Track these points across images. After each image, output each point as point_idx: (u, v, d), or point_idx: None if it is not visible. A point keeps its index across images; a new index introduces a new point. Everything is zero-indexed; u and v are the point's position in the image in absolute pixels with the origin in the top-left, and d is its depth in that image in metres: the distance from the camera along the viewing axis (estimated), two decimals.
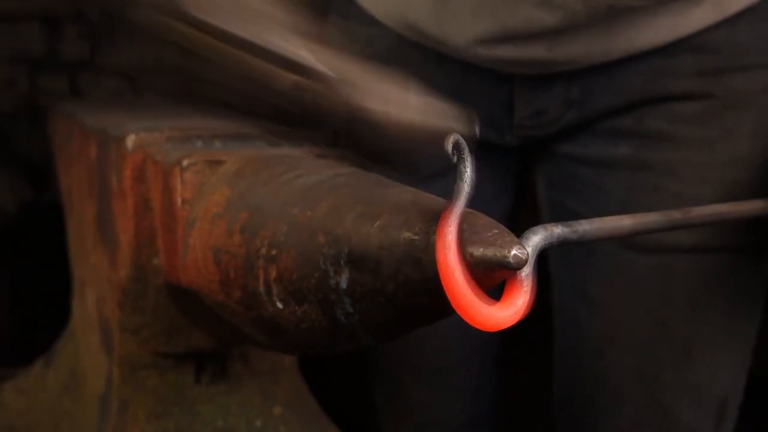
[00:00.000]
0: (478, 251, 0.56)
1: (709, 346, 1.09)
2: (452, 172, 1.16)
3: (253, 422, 1.00)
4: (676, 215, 0.76)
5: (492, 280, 0.57)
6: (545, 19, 0.99)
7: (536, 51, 1.02)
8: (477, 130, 0.59)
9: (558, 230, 0.64)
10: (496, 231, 0.57)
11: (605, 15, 0.99)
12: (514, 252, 0.56)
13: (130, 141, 0.94)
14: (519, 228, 1.27)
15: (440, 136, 0.58)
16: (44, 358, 1.23)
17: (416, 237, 0.59)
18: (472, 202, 0.58)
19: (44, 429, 1.16)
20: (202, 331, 0.94)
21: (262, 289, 0.72)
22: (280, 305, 0.70)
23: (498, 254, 0.56)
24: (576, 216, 1.10)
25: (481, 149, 1.13)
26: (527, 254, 0.56)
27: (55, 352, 1.22)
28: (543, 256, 0.64)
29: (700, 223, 0.79)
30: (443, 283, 0.55)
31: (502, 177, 1.17)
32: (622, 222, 0.72)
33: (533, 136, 1.11)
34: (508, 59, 1.04)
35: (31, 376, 1.23)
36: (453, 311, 0.61)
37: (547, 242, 0.63)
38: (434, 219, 0.60)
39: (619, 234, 0.71)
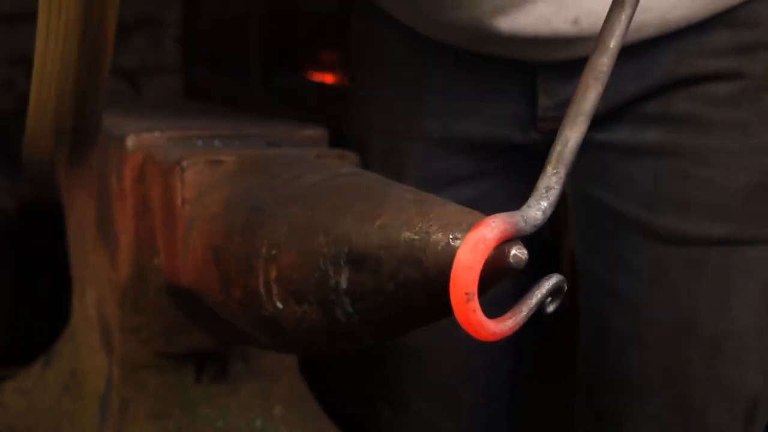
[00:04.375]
0: None
1: (739, 344, 1.04)
2: (476, 179, 1.12)
3: (253, 422, 1.00)
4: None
5: (492, 281, 0.57)
6: None
7: (560, 24, 0.96)
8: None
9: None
10: None
11: None
12: (513, 251, 0.56)
13: (130, 141, 0.94)
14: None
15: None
16: (44, 358, 1.23)
17: (416, 237, 0.59)
18: (497, 209, 0.58)
19: (44, 429, 1.15)
20: (202, 331, 0.94)
21: (262, 289, 0.72)
22: (280, 305, 0.70)
23: (498, 253, 0.56)
24: (600, 205, 1.06)
25: (506, 155, 1.10)
26: (527, 254, 0.56)
27: (55, 352, 1.22)
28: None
29: None
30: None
31: (529, 182, 1.11)
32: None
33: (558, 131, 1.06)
34: (531, 35, 0.97)
35: (31, 376, 1.23)
36: (452, 312, 0.61)
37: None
38: (435, 220, 0.60)
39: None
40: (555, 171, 0.60)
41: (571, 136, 0.62)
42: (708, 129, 1.01)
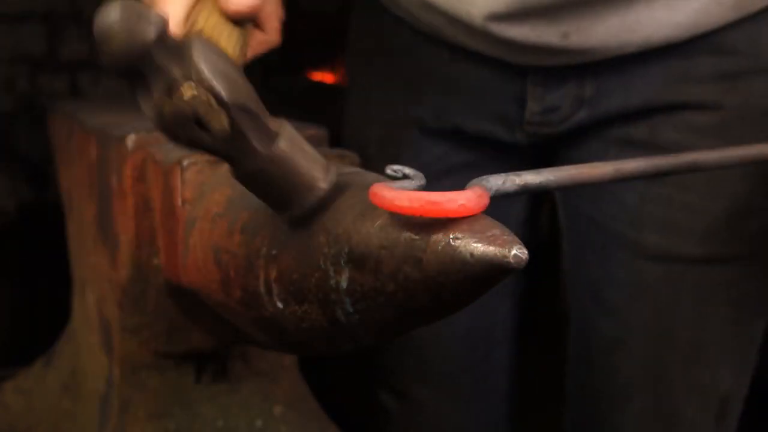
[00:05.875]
0: (478, 251, 0.56)
1: (713, 350, 1.12)
2: (469, 168, 1.16)
3: (253, 422, 1.00)
4: (660, 161, 0.76)
5: (493, 280, 0.57)
6: None
7: (551, 36, 1.01)
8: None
9: (520, 179, 0.64)
10: (496, 231, 0.57)
11: None
12: (514, 252, 0.56)
13: (131, 141, 0.94)
14: (537, 231, 1.25)
15: None
16: (44, 358, 1.23)
17: (416, 237, 0.59)
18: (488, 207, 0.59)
19: (44, 429, 1.16)
20: (203, 331, 0.94)
21: (262, 288, 0.72)
22: (280, 305, 0.70)
23: (498, 254, 0.56)
24: (591, 221, 1.14)
25: (493, 149, 1.13)
26: (527, 254, 0.56)
27: (55, 352, 1.22)
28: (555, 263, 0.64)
29: (684, 170, 0.78)
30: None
31: None
32: (603, 169, 0.72)
33: (543, 135, 1.11)
34: (521, 42, 1.02)
35: (31, 376, 1.23)
36: (453, 311, 0.61)
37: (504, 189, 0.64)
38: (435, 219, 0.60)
39: (593, 180, 0.71)
40: (538, 173, 0.66)
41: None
42: None
